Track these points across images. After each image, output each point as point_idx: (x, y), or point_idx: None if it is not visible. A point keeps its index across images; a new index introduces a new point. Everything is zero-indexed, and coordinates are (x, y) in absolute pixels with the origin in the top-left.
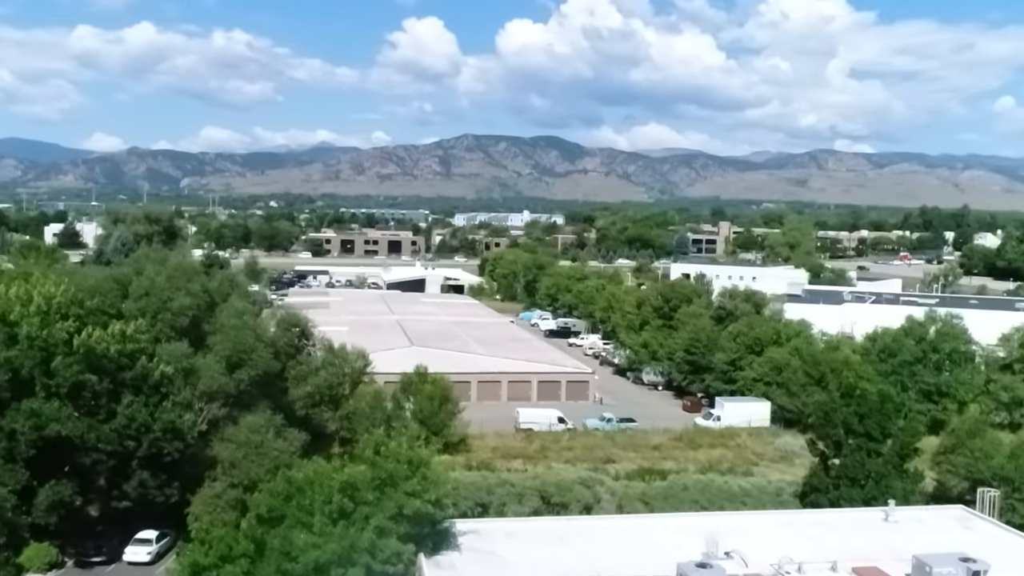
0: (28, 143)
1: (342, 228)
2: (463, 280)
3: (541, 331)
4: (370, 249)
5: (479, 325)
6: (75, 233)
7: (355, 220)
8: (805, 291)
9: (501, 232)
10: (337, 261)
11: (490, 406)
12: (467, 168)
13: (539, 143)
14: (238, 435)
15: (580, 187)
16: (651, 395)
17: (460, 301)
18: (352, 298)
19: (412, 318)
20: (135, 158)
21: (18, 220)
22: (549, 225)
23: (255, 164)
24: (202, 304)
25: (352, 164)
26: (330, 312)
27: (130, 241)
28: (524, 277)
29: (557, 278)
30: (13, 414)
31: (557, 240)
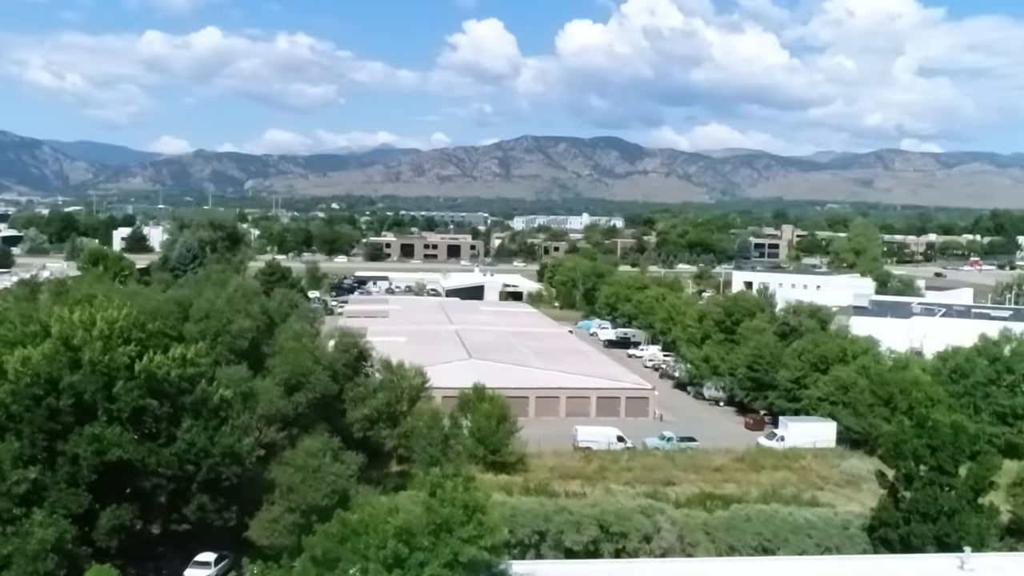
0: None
1: (402, 232)
2: (522, 287)
3: (600, 341)
4: (429, 253)
5: (537, 336)
6: (142, 237)
7: (415, 223)
8: (872, 303)
9: (560, 236)
10: (397, 266)
11: (548, 422)
12: (526, 169)
13: (599, 144)
14: (296, 459)
15: (640, 188)
16: (712, 411)
17: (519, 310)
18: (411, 306)
19: (470, 328)
20: (201, 160)
21: (88, 224)
22: (608, 228)
23: (317, 166)
24: (261, 326)
25: (412, 166)
26: (389, 322)
27: (195, 247)
28: (583, 285)
29: (617, 287)
30: (76, 439)
31: (616, 244)
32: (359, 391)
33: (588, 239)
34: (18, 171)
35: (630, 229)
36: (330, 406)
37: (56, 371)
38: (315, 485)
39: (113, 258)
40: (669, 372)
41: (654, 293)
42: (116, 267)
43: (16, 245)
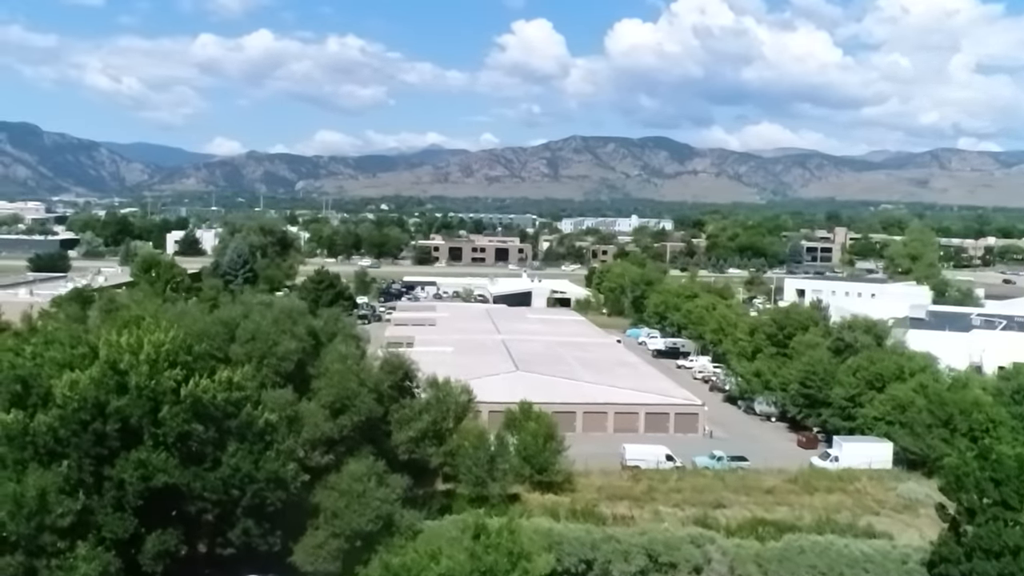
0: (154, 147)
1: (450, 234)
2: (569, 293)
3: (649, 350)
4: (477, 257)
5: (585, 346)
6: (195, 240)
7: (463, 225)
8: (929, 313)
9: (608, 239)
10: (445, 270)
11: (596, 438)
12: (575, 170)
13: (648, 144)
14: (340, 483)
15: (690, 188)
16: (763, 427)
17: (566, 318)
18: (458, 314)
19: (517, 337)
20: (253, 162)
21: (142, 227)
22: (658, 231)
23: (367, 167)
24: (307, 347)
25: (461, 166)
26: (436, 330)
27: (245, 253)
28: (632, 293)
29: (666, 296)
30: (122, 464)
31: (666, 248)
32: (404, 413)
33: (637, 242)
34: (76, 172)
35: (679, 231)
36: (375, 428)
37: (103, 395)
38: (360, 510)
39: (165, 265)
40: (719, 385)
41: (704, 303)
42: (168, 274)
43: (73, 248)
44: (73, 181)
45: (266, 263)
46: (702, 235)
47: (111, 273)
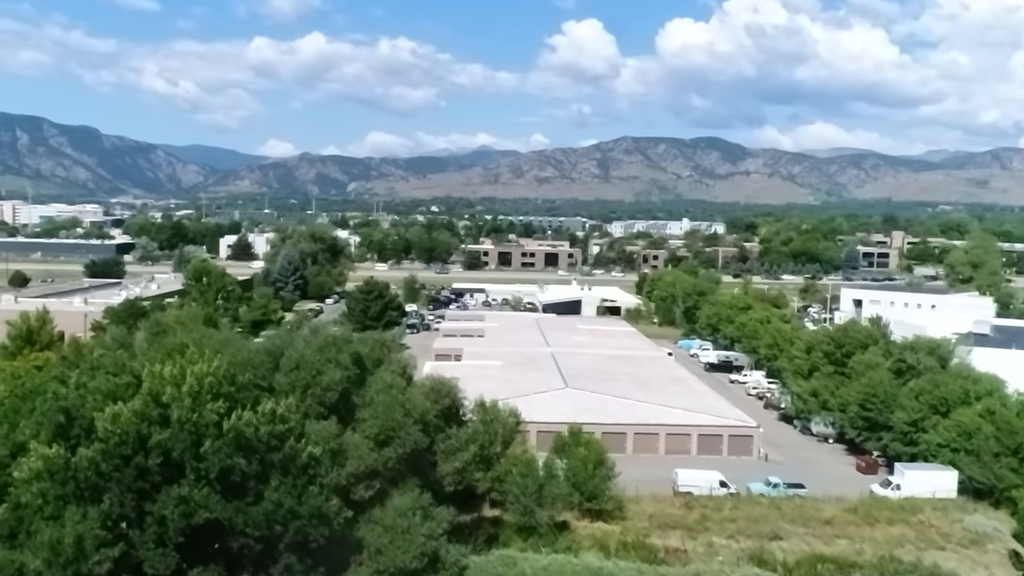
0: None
1: (500, 238)
2: (619, 301)
3: (701, 363)
4: (527, 262)
5: (636, 360)
6: (248, 245)
7: (513, 229)
8: (994, 329)
9: (659, 243)
10: (494, 276)
11: (647, 460)
12: (625, 171)
13: (699, 144)
14: (384, 518)
15: (742, 189)
16: (820, 449)
17: (616, 329)
18: (507, 324)
19: (567, 351)
20: (306, 164)
21: (196, 231)
22: (709, 235)
23: (418, 168)
24: (352, 376)
25: (511, 167)
26: (485, 341)
27: (296, 260)
28: (683, 303)
29: (719, 307)
30: (164, 500)
31: (718, 253)
32: (451, 443)
33: (688, 247)
34: (134, 174)
35: (732, 235)
36: (421, 458)
37: (145, 428)
38: (404, 546)
39: (216, 274)
40: (774, 402)
41: (758, 315)
42: (218, 283)
43: (129, 252)
44: (131, 183)
45: (316, 270)
46: (755, 239)
47: (164, 280)
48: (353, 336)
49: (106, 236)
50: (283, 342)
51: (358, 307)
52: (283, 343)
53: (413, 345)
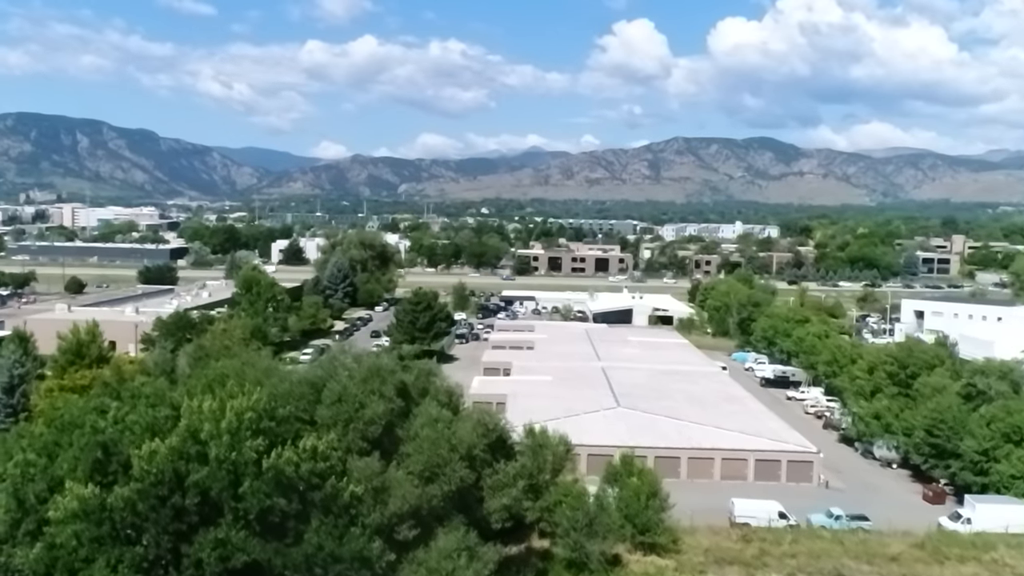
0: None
1: (550, 243)
2: (672, 311)
3: (756, 377)
4: (577, 267)
5: (690, 375)
6: (299, 250)
7: (563, 232)
8: None
9: (712, 248)
10: (543, 282)
11: (701, 486)
12: (677, 172)
13: (752, 144)
14: (428, 560)
15: (795, 190)
16: (884, 475)
17: (669, 341)
18: (557, 335)
19: (618, 365)
20: (357, 165)
21: (249, 235)
22: (763, 240)
23: (468, 170)
24: (396, 408)
25: (561, 169)
26: (534, 354)
27: (345, 267)
28: (738, 315)
29: (775, 320)
30: (201, 542)
31: (772, 259)
32: (498, 479)
33: (741, 251)
34: (190, 176)
35: (786, 239)
36: (467, 494)
37: (183, 467)
38: None
39: (265, 284)
40: (834, 423)
41: (816, 330)
42: (268, 293)
43: (183, 257)
44: (187, 185)
45: (366, 277)
46: (810, 242)
47: (216, 286)
48: (398, 365)
49: (161, 240)
50: (326, 372)
51: (406, 318)
52: (326, 373)
53: (462, 356)
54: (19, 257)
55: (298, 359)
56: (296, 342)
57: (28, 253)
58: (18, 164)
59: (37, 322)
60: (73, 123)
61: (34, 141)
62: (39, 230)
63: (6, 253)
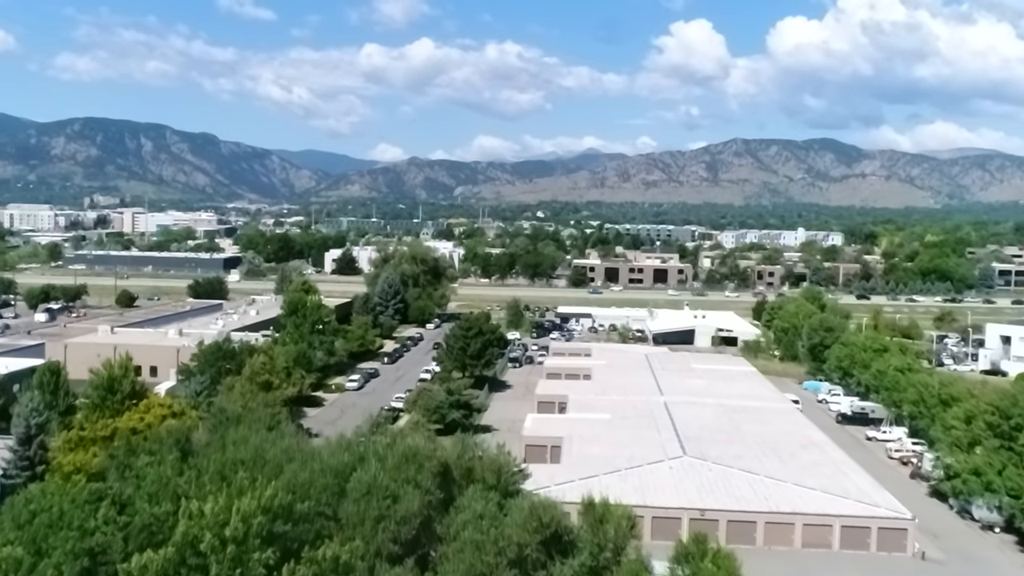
0: (322, 155)
1: (606, 251)
2: (736, 331)
3: (831, 411)
4: (635, 278)
5: (760, 413)
6: (352, 260)
7: (620, 240)
8: None
9: (774, 258)
10: (600, 297)
11: (780, 555)
12: (735, 174)
13: (813, 146)
14: None
15: (858, 192)
16: (986, 542)
17: (735, 369)
18: (616, 362)
19: (681, 399)
20: (414, 168)
21: (303, 242)
22: (828, 248)
23: (524, 172)
24: (434, 500)
25: (618, 171)
26: (592, 385)
27: (396, 283)
28: (809, 340)
29: (851, 349)
30: None
31: (839, 271)
32: None
33: (806, 262)
34: (250, 180)
35: (851, 245)
36: None
37: None
38: None
39: (312, 306)
40: (923, 473)
41: (897, 362)
42: (314, 315)
43: (236, 267)
44: (247, 188)
45: (417, 293)
46: (876, 250)
47: (264, 303)
48: (436, 448)
49: (216, 248)
50: (353, 456)
51: (456, 344)
52: (353, 458)
53: (515, 383)
54: (76, 266)
55: (343, 385)
56: (343, 365)
57: (85, 262)
58: (85, 168)
59: (77, 346)
60: (138, 127)
61: (100, 145)
62: (99, 236)
63: (63, 262)
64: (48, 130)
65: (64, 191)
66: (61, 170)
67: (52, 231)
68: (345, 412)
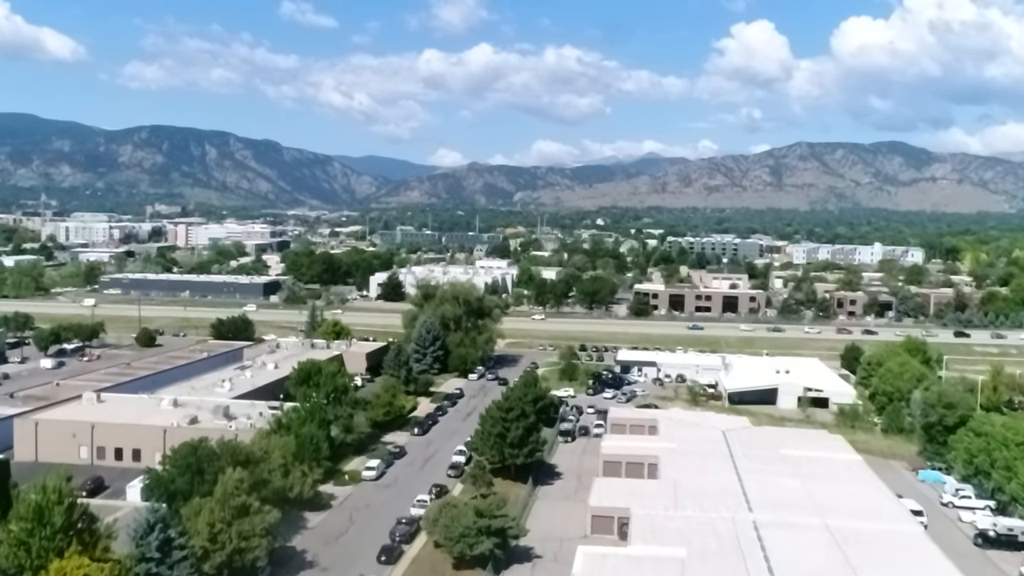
0: (382, 160)
1: (670, 271)
2: (826, 389)
3: (962, 521)
4: (702, 306)
5: (880, 540)
6: (398, 284)
7: (683, 257)
8: None
9: (854, 282)
10: (665, 328)
11: None
12: (800, 178)
13: (880, 149)
14: None
15: (928, 197)
16: None
17: (835, 457)
18: (688, 444)
19: (775, 519)
20: (474, 174)
21: (350, 263)
22: (910, 269)
23: (584, 177)
24: None
25: (679, 176)
26: (660, 488)
27: (435, 328)
28: (923, 415)
29: (987, 441)
30: None
31: (929, 300)
32: None
33: (888, 286)
34: (311, 186)
35: (933, 262)
36: None
37: None
38: None
39: (326, 374)
40: None
41: None
42: (329, 384)
43: (276, 292)
44: (308, 194)
45: (459, 338)
46: (960, 267)
47: (290, 349)
48: None
49: (262, 267)
50: None
51: (494, 429)
52: None
53: (566, 468)
54: (112, 290)
55: (359, 475)
56: (365, 438)
57: (120, 286)
58: (151, 175)
59: (50, 425)
60: (202, 135)
61: (166, 153)
62: (147, 253)
63: (100, 286)
64: (116, 138)
65: (130, 198)
66: (128, 177)
67: (106, 244)
68: (355, 519)
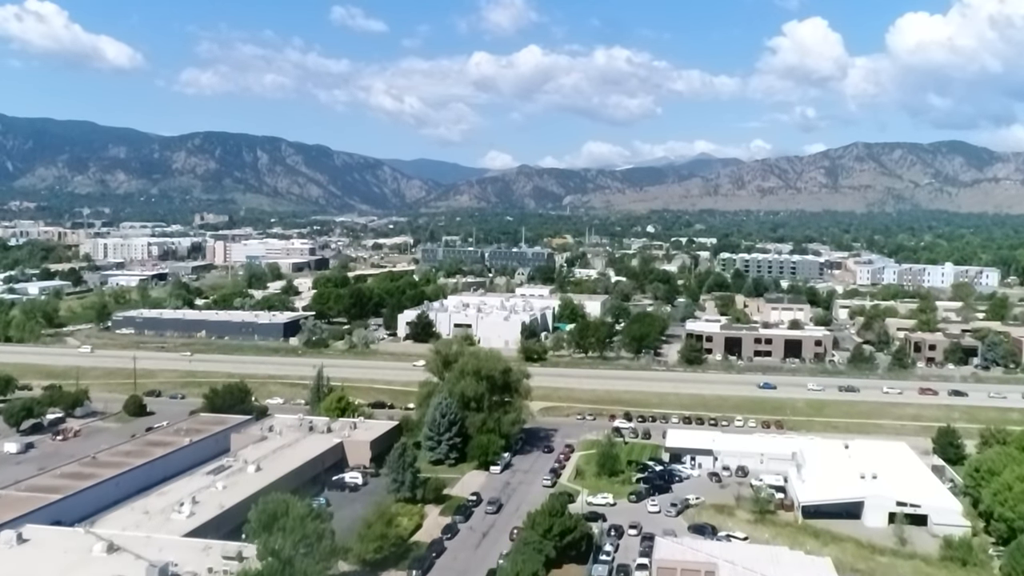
0: (432, 164)
1: (724, 303)
2: (924, 504)
3: None
4: (761, 350)
5: None
6: (429, 324)
7: (739, 283)
8: None
9: (931, 322)
10: (718, 385)
11: None
12: (856, 179)
13: (940, 149)
14: None
15: (990, 198)
16: None
17: None
18: None
19: None
20: (523, 177)
21: (381, 291)
22: (993, 301)
23: (634, 179)
24: None
25: (732, 178)
26: None
27: (452, 410)
28: None
29: None
30: None
31: (1020, 346)
32: None
33: (966, 318)
34: (362, 190)
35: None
36: None
37: None
38: None
39: (295, 517)
40: None
41: None
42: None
43: (296, 334)
44: (359, 199)
45: (481, 420)
46: None
47: (283, 439)
48: None
49: (288, 301)
50: None
51: (530, 548)
52: None
53: None
54: (124, 330)
55: None
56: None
57: (133, 325)
58: (203, 181)
59: None
60: (254, 140)
61: (218, 158)
62: (176, 278)
63: (112, 324)
64: (170, 144)
65: (183, 204)
66: (181, 183)
67: (142, 263)
68: None
